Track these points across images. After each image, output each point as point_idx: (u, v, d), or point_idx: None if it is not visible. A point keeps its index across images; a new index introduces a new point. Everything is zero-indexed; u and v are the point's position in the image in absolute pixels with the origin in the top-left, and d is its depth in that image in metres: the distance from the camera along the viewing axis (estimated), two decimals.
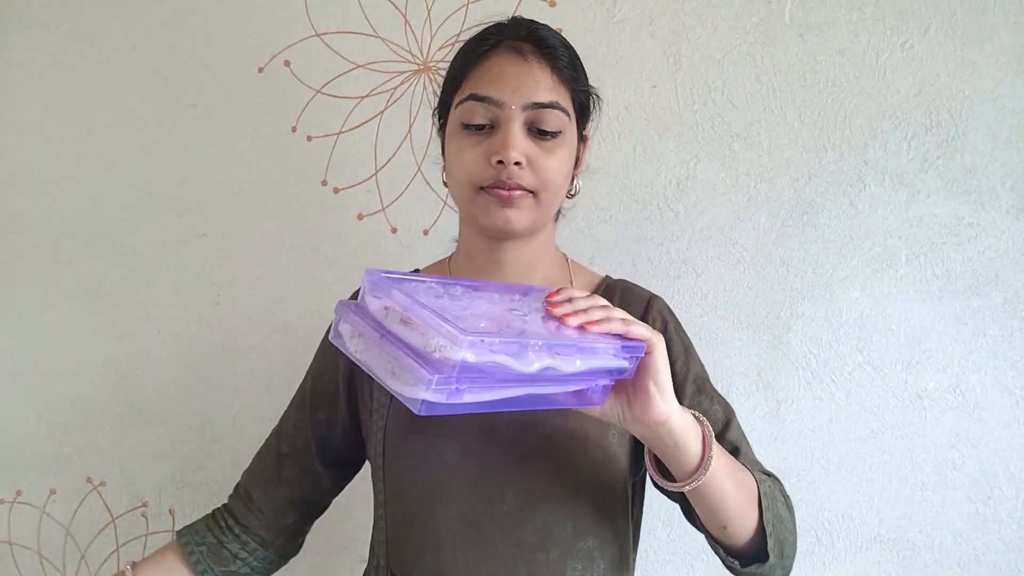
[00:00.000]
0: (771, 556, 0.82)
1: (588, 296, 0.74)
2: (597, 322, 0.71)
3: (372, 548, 0.95)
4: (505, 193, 0.82)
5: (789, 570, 0.88)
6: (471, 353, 0.60)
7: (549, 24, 0.90)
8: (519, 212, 0.84)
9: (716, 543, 0.84)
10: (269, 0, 1.36)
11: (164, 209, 1.39)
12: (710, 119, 1.30)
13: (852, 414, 1.31)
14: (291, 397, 1.03)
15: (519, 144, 0.81)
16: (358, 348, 0.67)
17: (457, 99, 0.85)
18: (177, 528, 1.42)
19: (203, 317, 1.40)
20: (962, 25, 1.25)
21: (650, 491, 1.35)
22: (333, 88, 1.36)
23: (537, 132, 0.83)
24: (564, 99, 0.85)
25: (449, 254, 1.03)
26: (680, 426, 0.75)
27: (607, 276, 1.01)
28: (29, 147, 1.40)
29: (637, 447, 0.91)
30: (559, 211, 0.95)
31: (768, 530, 0.81)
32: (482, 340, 0.60)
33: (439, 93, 0.92)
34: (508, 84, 0.81)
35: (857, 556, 1.33)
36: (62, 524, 1.43)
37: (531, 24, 0.87)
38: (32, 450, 1.42)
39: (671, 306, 0.99)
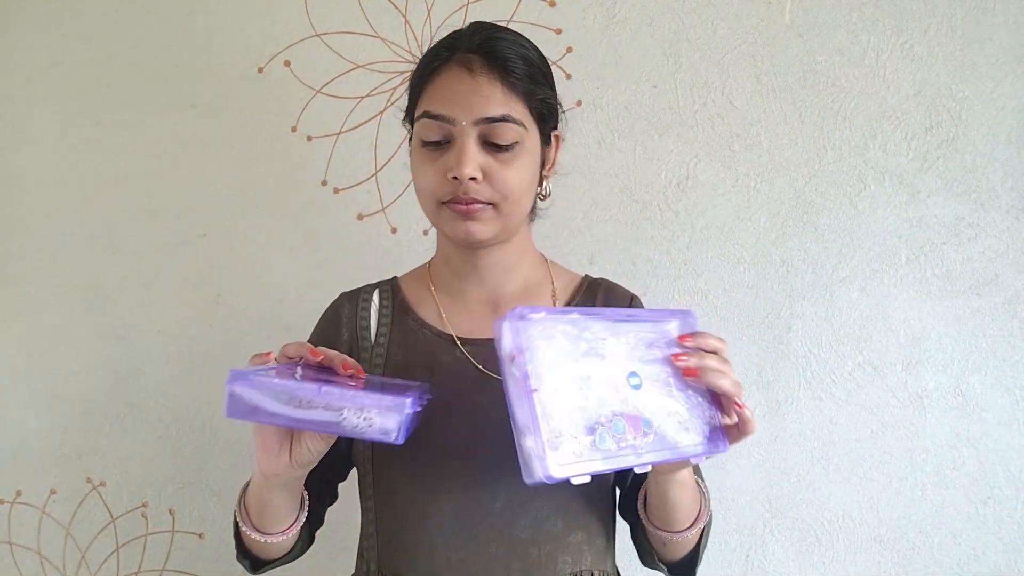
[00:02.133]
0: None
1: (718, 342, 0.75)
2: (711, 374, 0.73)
3: (361, 554, 0.95)
4: (464, 208, 0.83)
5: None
6: None
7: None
8: (481, 224, 0.85)
9: (654, 552, 0.92)
10: (269, 0, 1.36)
11: (164, 209, 1.39)
12: (710, 119, 1.30)
13: (852, 414, 1.31)
14: None
15: (472, 160, 0.81)
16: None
17: (416, 114, 0.86)
18: (177, 528, 1.42)
19: (203, 317, 1.40)
20: (962, 25, 1.25)
21: None
22: (333, 88, 1.35)
23: (492, 145, 0.83)
24: (518, 110, 0.84)
25: (427, 260, 1.04)
26: (687, 482, 0.82)
27: (586, 275, 1.02)
28: (29, 147, 1.40)
29: None
30: (533, 212, 0.96)
31: (699, 561, 0.91)
32: None
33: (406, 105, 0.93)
34: (457, 101, 0.82)
35: (857, 556, 1.33)
36: (62, 524, 1.43)
37: (487, 34, 0.86)
38: (32, 450, 1.42)
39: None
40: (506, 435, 0.86)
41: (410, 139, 0.92)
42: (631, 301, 0.99)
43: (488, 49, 0.84)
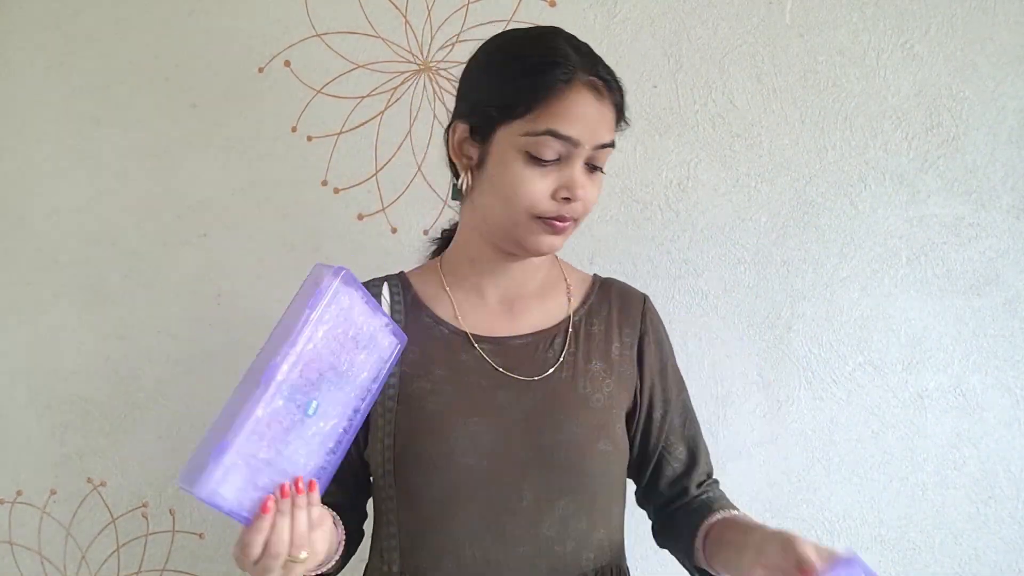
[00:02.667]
0: None
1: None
2: None
3: (379, 553, 0.92)
4: (561, 225, 0.85)
5: None
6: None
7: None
8: (563, 238, 0.88)
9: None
10: (269, 0, 1.35)
11: (164, 209, 1.39)
12: (711, 119, 1.30)
13: (853, 414, 1.31)
14: None
15: (586, 182, 0.84)
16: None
17: (527, 129, 0.82)
18: (177, 528, 1.42)
19: (203, 317, 1.40)
20: (962, 25, 1.25)
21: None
22: (333, 88, 1.35)
23: (589, 166, 0.86)
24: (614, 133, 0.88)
25: (429, 253, 1.04)
26: None
27: (596, 275, 1.03)
28: (29, 147, 1.40)
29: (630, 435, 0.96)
30: None
31: None
32: None
33: (474, 100, 0.88)
34: (588, 125, 0.83)
35: None
36: (62, 524, 1.43)
37: (593, 55, 0.87)
38: (32, 450, 1.42)
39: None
40: (529, 433, 0.87)
41: (474, 135, 0.87)
42: (644, 302, 1.00)
43: (607, 75, 0.85)
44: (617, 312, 0.98)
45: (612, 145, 0.86)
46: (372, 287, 0.97)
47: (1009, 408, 1.29)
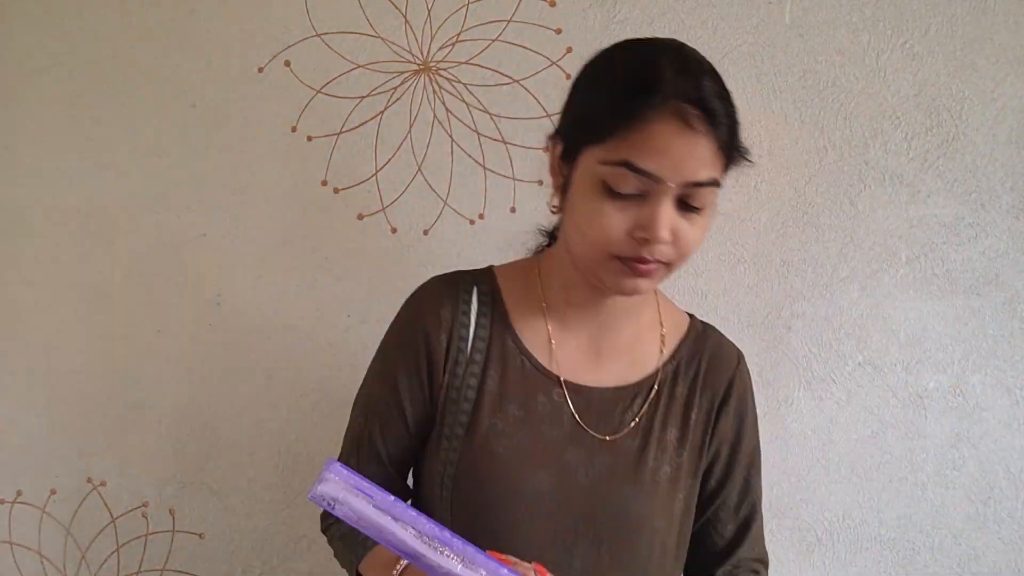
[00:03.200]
0: None
1: None
2: None
3: None
4: (643, 268, 0.75)
5: None
6: None
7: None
8: (650, 281, 0.78)
9: None
10: (269, 0, 1.35)
11: (164, 209, 1.39)
12: None
13: (852, 414, 1.31)
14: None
15: (670, 223, 0.73)
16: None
17: (602, 155, 0.74)
18: (177, 528, 1.42)
19: (203, 317, 1.40)
20: (962, 25, 1.25)
21: None
22: (333, 88, 1.35)
23: (686, 206, 0.75)
24: (720, 170, 0.76)
25: (531, 254, 0.95)
26: None
27: (693, 318, 0.96)
28: (29, 147, 1.40)
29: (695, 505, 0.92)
30: None
31: None
32: None
33: (568, 116, 0.81)
34: (671, 159, 0.71)
35: (857, 556, 1.33)
36: (62, 524, 1.43)
37: (698, 79, 0.73)
38: (32, 450, 1.42)
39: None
40: (589, 501, 0.83)
41: (562, 156, 0.80)
42: (737, 364, 0.94)
43: (704, 100, 0.72)
44: (705, 371, 0.91)
45: (713, 183, 0.74)
46: (463, 292, 0.88)
47: (1009, 408, 1.29)
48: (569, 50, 1.30)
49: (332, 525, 0.92)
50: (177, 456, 1.41)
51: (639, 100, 0.71)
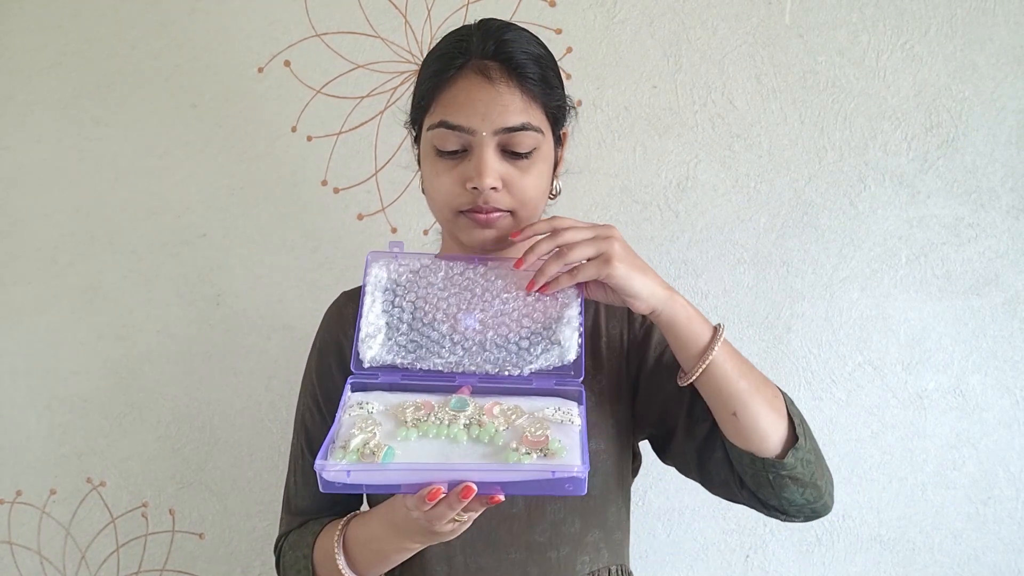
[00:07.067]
0: (800, 439, 0.83)
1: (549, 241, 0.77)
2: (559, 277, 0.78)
3: None
4: (483, 217, 0.82)
5: (819, 474, 0.86)
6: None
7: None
8: (498, 232, 0.84)
9: (740, 452, 0.84)
10: (269, 0, 1.35)
11: (164, 209, 1.39)
12: (710, 119, 1.30)
13: (852, 414, 1.31)
14: (291, 397, 1.02)
15: (492, 170, 0.80)
16: None
17: (427, 122, 0.84)
18: (177, 528, 1.42)
19: (203, 317, 1.40)
20: (962, 26, 1.25)
21: (652, 492, 1.35)
22: (333, 88, 1.35)
23: (511, 154, 0.82)
24: (536, 116, 0.83)
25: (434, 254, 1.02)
26: (680, 310, 0.84)
27: None
28: (29, 147, 1.40)
29: (635, 431, 0.94)
30: (543, 212, 0.95)
31: (791, 410, 0.86)
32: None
33: (409, 106, 0.91)
34: (477, 111, 0.80)
35: (857, 556, 1.33)
36: (62, 524, 1.43)
37: (500, 35, 0.83)
38: (32, 450, 1.42)
39: None
40: None
41: (414, 141, 0.91)
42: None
43: (505, 54, 0.82)
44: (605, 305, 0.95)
45: (524, 128, 0.81)
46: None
47: (1009, 408, 1.29)
48: (569, 50, 1.30)
49: (281, 546, 0.95)
50: (177, 456, 1.41)
51: (447, 66, 0.82)
